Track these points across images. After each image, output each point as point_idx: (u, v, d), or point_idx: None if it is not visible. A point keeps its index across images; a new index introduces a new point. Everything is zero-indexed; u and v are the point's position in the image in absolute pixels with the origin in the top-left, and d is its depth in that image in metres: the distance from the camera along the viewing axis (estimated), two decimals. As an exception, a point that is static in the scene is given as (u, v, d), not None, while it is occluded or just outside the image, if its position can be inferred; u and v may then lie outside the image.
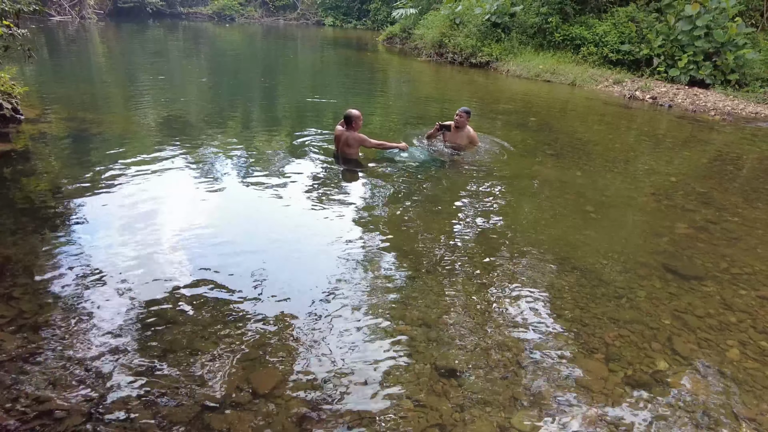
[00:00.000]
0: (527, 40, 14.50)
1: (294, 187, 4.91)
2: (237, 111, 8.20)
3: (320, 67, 15.80)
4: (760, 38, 12.05)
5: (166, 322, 2.80)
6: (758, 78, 11.43)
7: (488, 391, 2.44)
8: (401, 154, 5.71)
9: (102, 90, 9.45)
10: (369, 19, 29.86)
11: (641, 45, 12.66)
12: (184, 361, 2.52)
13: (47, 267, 3.26)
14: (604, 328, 2.97)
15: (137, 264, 3.35)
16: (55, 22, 22.74)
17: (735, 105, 10.31)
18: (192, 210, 4.29)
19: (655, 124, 9.09)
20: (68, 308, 2.85)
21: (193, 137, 6.42)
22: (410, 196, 4.81)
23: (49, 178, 4.79)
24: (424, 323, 2.91)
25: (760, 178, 6.14)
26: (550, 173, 5.68)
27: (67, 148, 5.68)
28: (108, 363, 2.46)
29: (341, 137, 5.50)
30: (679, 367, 2.70)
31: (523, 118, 8.54)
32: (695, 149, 7.36)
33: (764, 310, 3.26)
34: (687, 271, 3.68)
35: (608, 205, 4.87)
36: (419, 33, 17.80)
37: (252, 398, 2.32)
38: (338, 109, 8.56)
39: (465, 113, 5.99)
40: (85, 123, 6.59)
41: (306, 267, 3.53)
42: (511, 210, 4.65)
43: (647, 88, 11.31)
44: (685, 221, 4.58)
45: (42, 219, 3.91)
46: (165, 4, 31.53)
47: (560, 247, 3.91)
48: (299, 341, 2.72)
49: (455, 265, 3.60)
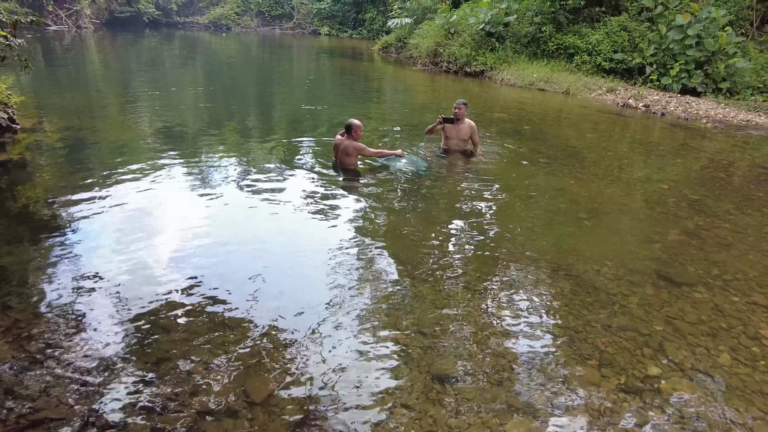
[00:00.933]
0: (521, 49, 14.64)
1: (289, 195, 4.93)
2: (233, 119, 8.23)
3: (316, 76, 15.89)
4: (750, 47, 12.21)
5: (161, 330, 2.81)
6: (749, 86, 11.58)
7: (482, 398, 2.45)
8: (397, 164, 5.73)
9: (98, 99, 9.48)
10: (364, 29, 30.09)
11: (634, 54, 12.80)
12: (179, 369, 2.52)
13: (43, 276, 3.26)
14: (596, 335, 3.00)
15: (132, 272, 3.35)
16: (52, 32, 22.80)
17: (726, 113, 10.43)
18: (187, 219, 4.30)
19: (648, 131, 9.19)
20: (64, 317, 2.86)
21: (189, 146, 6.45)
22: (405, 205, 4.84)
23: (45, 187, 4.79)
24: (419, 330, 2.93)
25: (751, 185, 6.21)
26: (543, 181, 5.73)
27: (62, 158, 5.69)
28: (103, 372, 2.47)
29: (340, 146, 5.54)
30: (671, 372, 2.73)
31: (518, 126, 8.61)
32: (688, 156, 7.44)
33: (755, 315, 3.29)
34: (679, 277, 3.72)
35: (601, 213, 4.92)
36: (414, 42, 17.95)
37: (247, 406, 2.32)
38: (334, 117, 8.61)
39: (463, 104, 6.17)
40: (81, 132, 6.61)
41: (301, 275, 3.55)
42: (505, 218, 4.68)
43: (640, 97, 11.43)
44: (678, 228, 4.62)
45: (38, 228, 3.92)
46: (161, 13, 31.70)
47: (554, 254, 3.94)
48: (294, 349, 2.73)
49: (450, 272, 3.63)
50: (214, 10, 33.88)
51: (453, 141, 6.31)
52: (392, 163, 5.76)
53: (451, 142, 6.32)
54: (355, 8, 30.91)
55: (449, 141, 6.34)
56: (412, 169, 5.68)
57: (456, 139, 6.27)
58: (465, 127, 6.23)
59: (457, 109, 6.12)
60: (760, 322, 3.22)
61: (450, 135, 6.29)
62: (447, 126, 6.19)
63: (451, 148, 6.36)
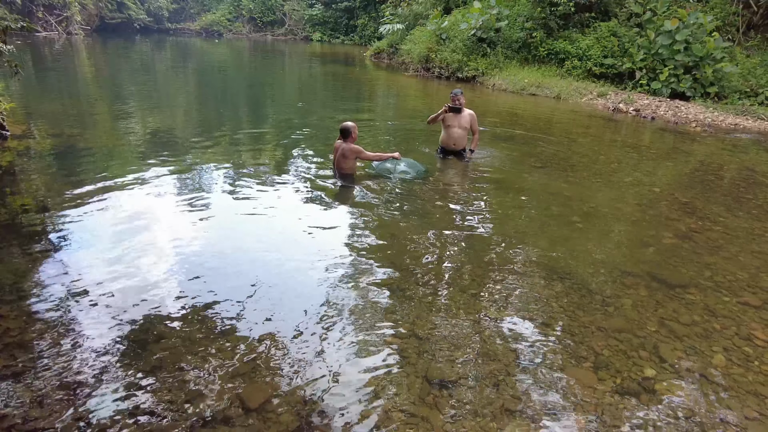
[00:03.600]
0: (512, 55, 14.75)
1: (282, 202, 4.92)
2: (225, 126, 8.20)
3: (309, 81, 15.90)
4: (737, 52, 12.40)
5: (154, 337, 2.78)
6: (736, 90, 11.75)
7: (479, 402, 2.45)
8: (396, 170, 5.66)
9: (88, 106, 9.42)
10: (356, 35, 30.15)
11: (623, 59, 12.95)
12: (174, 377, 2.50)
13: (33, 284, 3.22)
14: (592, 337, 3.01)
15: (124, 280, 3.32)
16: (41, 38, 22.65)
17: (715, 117, 10.57)
18: (180, 225, 4.27)
19: (639, 135, 9.28)
20: (55, 325, 2.82)
21: (181, 152, 6.42)
22: (399, 210, 4.84)
23: (35, 194, 4.75)
24: (415, 335, 2.93)
25: (740, 187, 6.29)
26: (536, 185, 5.76)
27: (53, 164, 5.64)
28: (96, 380, 2.44)
29: (338, 149, 5.52)
30: (666, 374, 2.74)
31: (510, 131, 8.66)
32: (678, 160, 7.52)
33: (747, 316, 3.33)
34: (672, 279, 3.75)
35: (594, 216, 4.95)
36: (406, 48, 18.02)
37: (243, 413, 2.30)
38: (326, 123, 8.61)
39: (461, 94, 6.30)
40: (72, 139, 6.56)
41: (296, 281, 3.54)
42: (499, 222, 4.70)
43: (630, 101, 11.55)
44: (670, 230, 4.66)
45: (28, 235, 3.88)
46: (152, 20, 31.59)
47: (548, 258, 3.96)
48: (289, 355, 2.72)
49: (445, 277, 3.63)
50: (205, 16, 33.81)
51: (454, 129, 6.34)
52: (391, 167, 5.68)
53: (453, 130, 6.35)
54: (347, 14, 30.98)
55: (451, 130, 6.36)
56: (412, 174, 5.65)
57: (458, 127, 6.33)
58: (466, 116, 6.32)
59: (457, 99, 6.22)
60: (751, 323, 3.25)
61: (452, 124, 6.33)
62: (449, 115, 6.24)
63: (452, 137, 6.37)
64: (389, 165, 5.73)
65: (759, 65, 11.97)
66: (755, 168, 7.15)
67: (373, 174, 5.74)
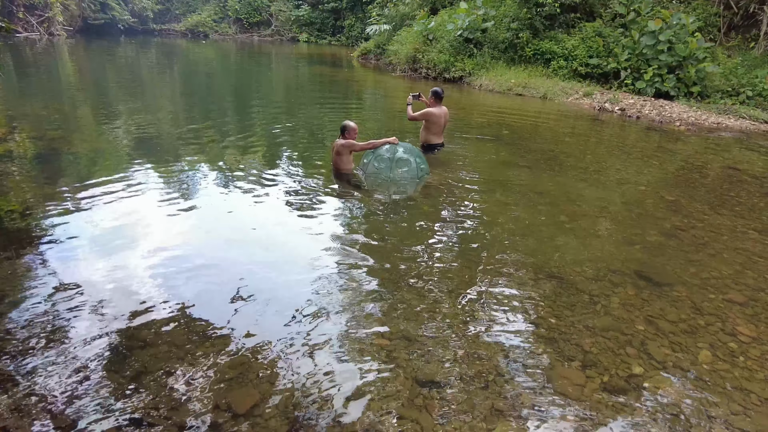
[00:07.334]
0: (499, 55, 14.83)
1: (270, 204, 4.88)
2: (212, 128, 8.12)
3: (296, 82, 15.82)
4: (719, 52, 12.60)
5: (140, 343, 2.74)
6: (718, 90, 11.94)
7: (469, 403, 2.45)
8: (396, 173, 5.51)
9: (71, 108, 9.27)
10: (343, 36, 30.09)
11: (609, 59, 13.09)
12: (160, 382, 2.46)
13: (17, 290, 3.15)
14: (580, 336, 3.03)
15: (110, 285, 3.27)
16: (22, 39, 22.26)
17: (698, 116, 10.72)
18: (166, 229, 4.22)
19: (624, 135, 9.37)
20: (39, 331, 2.76)
21: (166, 155, 6.34)
22: (388, 212, 4.83)
23: (18, 198, 4.65)
24: (404, 336, 2.91)
25: (723, 185, 6.38)
26: (523, 184, 5.79)
27: (35, 168, 5.54)
28: (81, 387, 2.39)
29: (334, 147, 5.51)
30: (653, 371, 2.76)
31: (497, 131, 8.70)
32: (663, 159, 7.60)
33: (732, 312, 3.37)
34: (658, 277, 3.78)
35: (581, 215, 4.98)
36: (393, 49, 18.02)
37: (230, 418, 2.27)
38: (315, 124, 8.58)
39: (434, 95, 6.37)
40: (54, 142, 6.45)
41: (284, 284, 3.50)
42: (486, 222, 4.71)
43: (616, 101, 11.67)
44: (656, 229, 4.71)
45: (10, 240, 3.79)
46: (137, 21, 31.21)
47: (536, 257, 3.98)
48: (278, 359, 2.69)
49: (434, 277, 3.62)
50: (191, 17, 33.47)
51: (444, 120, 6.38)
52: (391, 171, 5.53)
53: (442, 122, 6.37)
54: (334, 15, 30.92)
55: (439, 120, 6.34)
56: (412, 168, 5.54)
57: (444, 118, 6.37)
58: (445, 109, 6.39)
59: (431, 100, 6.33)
60: (736, 319, 3.29)
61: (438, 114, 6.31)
62: (432, 110, 6.23)
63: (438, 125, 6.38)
64: (387, 154, 5.52)
65: (740, 65, 12.18)
66: (737, 166, 7.26)
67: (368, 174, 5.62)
